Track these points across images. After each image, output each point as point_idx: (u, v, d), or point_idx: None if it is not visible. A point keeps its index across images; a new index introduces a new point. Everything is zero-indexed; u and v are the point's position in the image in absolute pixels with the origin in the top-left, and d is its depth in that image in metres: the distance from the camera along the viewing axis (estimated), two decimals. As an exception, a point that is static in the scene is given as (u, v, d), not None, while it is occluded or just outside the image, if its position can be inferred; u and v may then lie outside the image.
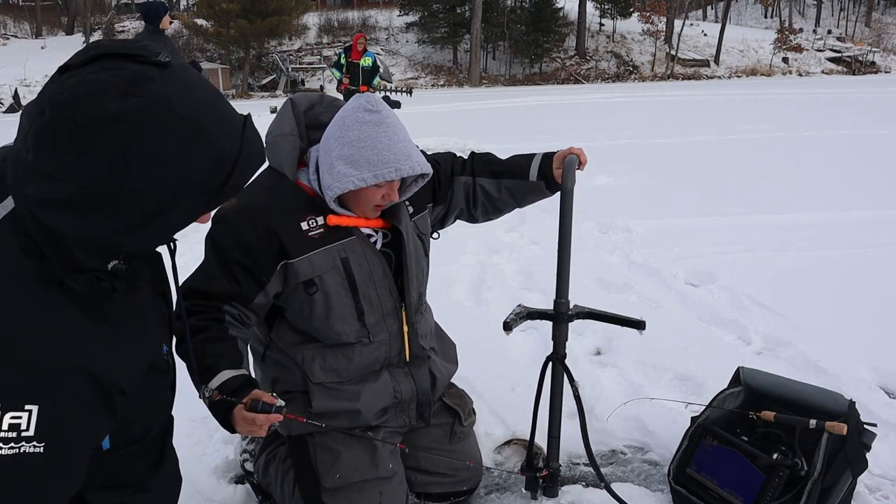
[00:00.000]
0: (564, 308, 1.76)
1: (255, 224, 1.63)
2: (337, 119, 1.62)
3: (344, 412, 1.80)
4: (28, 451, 0.90)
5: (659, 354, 2.91)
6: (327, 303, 1.70)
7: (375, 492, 1.80)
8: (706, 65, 31.89)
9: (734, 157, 8.13)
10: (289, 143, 1.69)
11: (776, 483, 1.82)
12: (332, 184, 1.59)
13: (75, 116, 0.85)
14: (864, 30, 39.10)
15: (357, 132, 1.56)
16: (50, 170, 0.87)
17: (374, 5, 36.75)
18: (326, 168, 1.61)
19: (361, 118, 1.57)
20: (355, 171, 1.56)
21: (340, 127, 1.59)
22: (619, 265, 4.22)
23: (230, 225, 1.64)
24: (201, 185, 0.92)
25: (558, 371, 1.78)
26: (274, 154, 1.69)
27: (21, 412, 0.89)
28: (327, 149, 1.61)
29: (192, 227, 1.02)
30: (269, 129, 1.71)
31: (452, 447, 2.02)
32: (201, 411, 2.42)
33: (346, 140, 1.57)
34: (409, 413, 1.92)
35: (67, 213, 0.88)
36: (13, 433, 0.89)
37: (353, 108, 1.60)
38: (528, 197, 1.96)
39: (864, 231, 4.70)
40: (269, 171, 1.72)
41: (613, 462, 2.29)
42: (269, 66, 30.10)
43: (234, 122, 0.97)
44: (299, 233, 1.65)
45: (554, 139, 10.12)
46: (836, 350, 2.90)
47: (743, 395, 2.15)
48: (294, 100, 1.74)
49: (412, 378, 1.88)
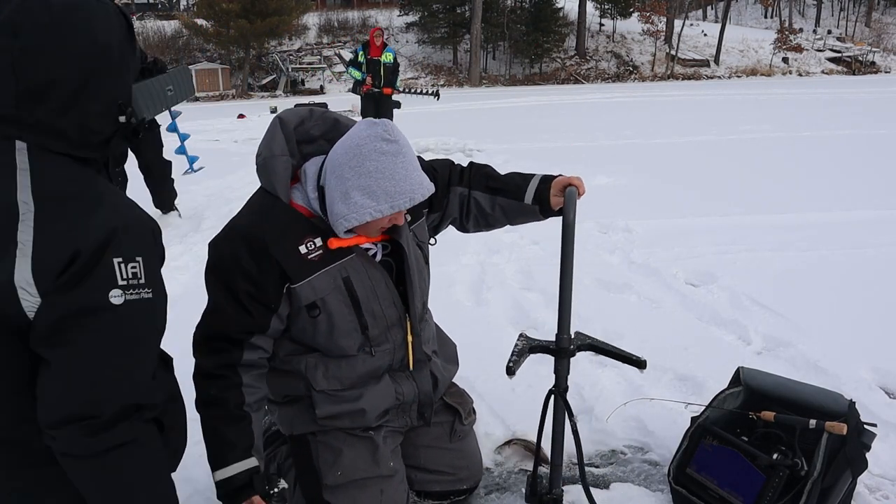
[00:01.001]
0: (566, 343, 1.76)
1: (254, 252, 1.59)
2: (351, 146, 1.55)
3: (347, 413, 1.80)
4: (144, 296, 1.11)
5: (659, 354, 2.91)
6: (330, 322, 1.69)
7: (376, 490, 1.80)
8: (706, 65, 31.89)
9: (734, 157, 8.14)
10: (280, 165, 1.64)
11: (776, 483, 1.82)
12: (347, 214, 1.56)
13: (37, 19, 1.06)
14: (864, 30, 39.10)
15: (375, 163, 1.52)
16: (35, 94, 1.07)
17: (374, 5, 36.76)
18: (339, 196, 1.56)
19: (379, 148, 1.53)
20: (372, 202, 1.54)
21: (357, 156, 1.53)
22: (619, 265, 4.22)
23: (230, 257, 1.61)
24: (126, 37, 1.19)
25: (560, 405, 1.78)
26: (266, 176, 1.65)
27: (134, 262, 1.09)
28: (341, 176, 1.55)
29: (189, 228, 1.04)
30: (259, 149, 1.67)
31: (452, 446, 2.02)
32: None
33: (364, 171, 1.53)
34: (410, 414, 1.92)
35: (75, 108, 1.10)
36: (134, 280, 1.09)
37: (369, 136, 1.54)
38: (521, 218, 1.91)
39: (864, 231, 4.70)
40: (262, 193, 1.68)
41: (613, 462, 2.30)
42: (269, 66, 30.10)
43: None
44: (298, 256, 1.62)
45: (554, 139, 10.13)
46: (836, 350, 2.90)
47: (743, 396, 2.15)
48: (282, 118, 1.69)
49: (414, 380, 1.88)
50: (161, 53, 30.64)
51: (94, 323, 1.06)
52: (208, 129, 14.24)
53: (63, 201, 1.07)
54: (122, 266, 1.08)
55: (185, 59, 29.95)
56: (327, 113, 1.75)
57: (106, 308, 1.06)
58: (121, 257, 1.07)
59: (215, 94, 27.76)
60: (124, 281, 1.08)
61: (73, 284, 1.04)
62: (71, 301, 1.04)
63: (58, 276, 1.03)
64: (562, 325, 1.74)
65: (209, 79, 28.13)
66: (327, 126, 1.73)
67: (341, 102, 18.77)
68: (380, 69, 9.03)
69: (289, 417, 1.85)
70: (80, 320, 1.05)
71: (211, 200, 6.58)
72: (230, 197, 6.70)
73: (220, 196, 6.80)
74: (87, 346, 1.06)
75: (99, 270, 1.05)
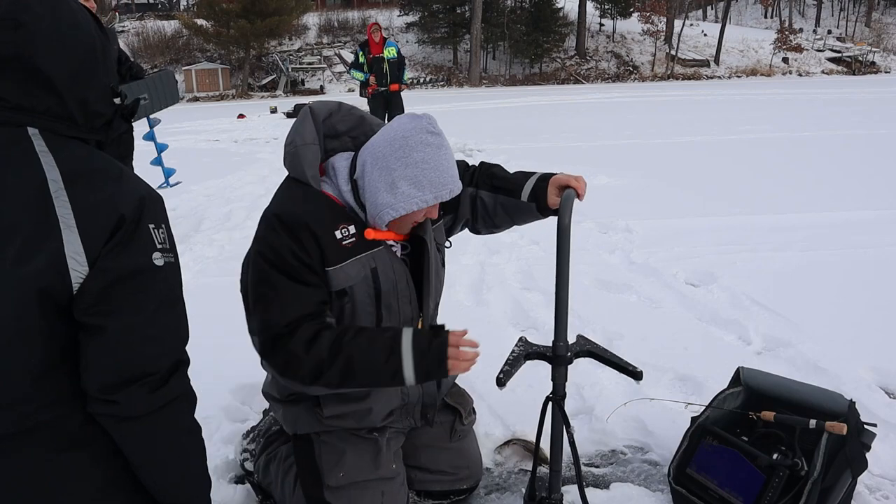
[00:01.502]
0: (563, 351, 1.73)
1: (298, 232, 1.59)
2: (397, 137, 1.58)
3: (353, 413, 1.78)
4: (173, 259, 1.19)
5: (659, 354, 2.91)
6: (353, 311, 1.69)
7: (378, 491, 1.80)
8: (706, 65, 31.90)
9: (734, 157, 8.14)
10: (311, 153, 1.66)
11: (776, 483, 1.82)
12: (394, 203, 1.58)
13: None
14: (864, 30, 39.12)
15: (422, 153, 1.56)
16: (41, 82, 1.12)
17: (374, 5, 36.77)
18: (385, 186, 1.58)
19: (426, 140, 1.57)
20: (419, 191, 1.57)
21: (403, 146, 1.57)
22: (619, 265, 4.22)
23: (278, 242, 1.59)
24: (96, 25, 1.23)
25: (557, 411, 1.77)
26: (296, 163, 1.66)
27: (162, 228, 1.17)
28: (386, 167, 1.58)
29: (189, 228, 1.05)
30: (288, 137, 1.69)
31: (452, 445, 2.02)
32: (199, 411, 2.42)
33: (411, 161, 1.56)
34: (414, 415, 1.91)
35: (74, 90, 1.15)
36: (165, 245, 1.17)
37: (415, 128, 1.58)
38: (522, 216, 1.89)
39: (864, 231, 4.69)
40: (291, 182, 1.68)
41: (613, 462, 2.30)
42: (269, 66, 30.12)
43: None
44: (334, 241, 1.62)
45: (554, 139, 10.13)
46: (836, 350, 2.90)
47: (743, 396, 2.15)
48: (313, 108, 1.72)
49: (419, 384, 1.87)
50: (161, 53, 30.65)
51: (143, 284, 1.12)
52: (208, 129, 14.25)
53: (91, 175, 1.12)
54: (156, 231, 1.16)
55: (184, 59, 29.95)
56: (354, 109, 1.77)
57: (153, 269, 1.13)
58: (153, 223, 1.16)
59: (215, 94, 27.77)
60: (160, 245, 1.16)
61: (121, 250, 1.10)
62: (121, 265, 1.10)
63: (105, 243, 1.09)
64: (558, 332, 1.71)
65: (209, 79, 28.14)
66: (353, 122, 1.75)
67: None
68: (384, 66, 8.61)
69: (293, 416, 1.84)
70: (131, 283, 1.11)
71: (211, 200, 6.58)
72: (230, 197, 6.70)
73: (220, 196, 6.80)
74: (140, 307, 1.12)
75: (140, 234, 1.13)
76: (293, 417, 1.84)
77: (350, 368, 1.53)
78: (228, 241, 4.95)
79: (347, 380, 1.55)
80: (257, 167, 8.69)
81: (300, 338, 1.55)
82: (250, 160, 9.37)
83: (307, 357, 1.53)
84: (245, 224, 5.51)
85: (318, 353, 1.53)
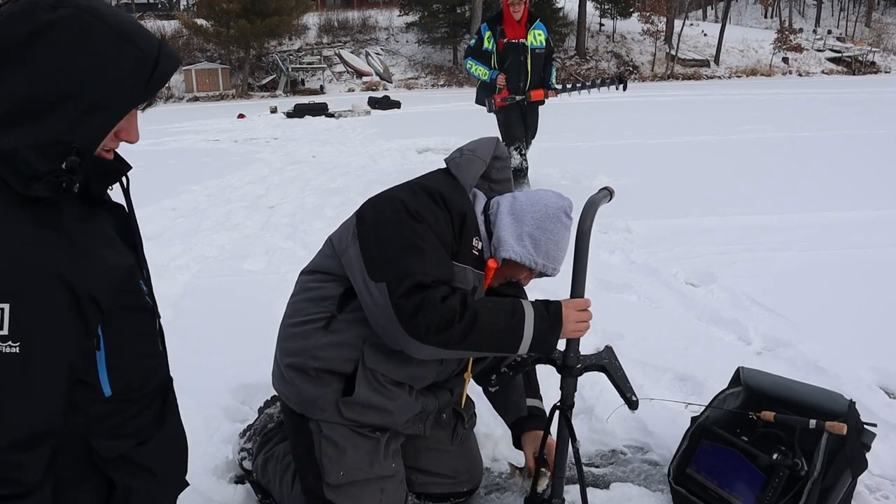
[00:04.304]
0: (573, 362, 1.77)
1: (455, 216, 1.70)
2: (539, 203, 1.79)
3: (377, 408, 1.75)
4: (4, 350, 0.95)
5: (659, 354, 2.91)
6: None
7: (377, 489, 1.80)
8: (706, 65, 31.90)
9: (734, 157, 8.13)
10: (478, 167, 1.83)
11: (776, 483, 1.82)
12: (513, 247, 1.76)
13: (14, 30, 0.98)
14: (864, 30, 39.12)
15: (553, 226, 1.78)
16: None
17: (374, 5, 36.75)
18: (513, 234, 1.77)
19: (560, 218, 1.79)
20: (534, 252, 1.76)
21: (541, 213, 1.78)
22: (619, 265, 4.22)
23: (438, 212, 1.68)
24: (129, 82, 1.05)
25: (563, 422, 1.81)
26: (470, 168, 1.82)
27: None
28: (521, 220, 1.78)
29: (189, 228, 1.04)
30: (472, 144, 1.88)
31: (453, 448, 2.03)
32: (200, 411, 2.42)
33: (543, 228, 1.77)
34: (426, 422, 1.90)
35: (16, 127, 0.99)
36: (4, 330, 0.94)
37: (558, 205, 1.80)
38: None
39: (864, 231, 4.69)
40: (450, 176, 1.81)
41: (613, 462, 2.30)
42: (269, 66, 30.12)
43: (151, 34, 1.11)
44: (470, 244, 1.74)
45: (554, 139, 10.12)
46: (836, 350, 2.90)
47: (743, 396, 2.15)
48: (499, 142, 1.92)
49: (435, 395, 1.89)
50: (161, 53, 30.61)
51: None
52: (208, 128, 14.25)
53: None
54: None
55: (185, 59, 29.92)
56: (509, 169, 1.97)
57: None
58: None
59: (215, 93, 27.78)
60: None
61: None
62: None
63: None
64: (570, 343, 1.76)
65: (209, 79, 28.15)
66: (503, 176, 1.94)
67: (342, 102, 18.79)
68: (525, 59, 5.51)
69: (310, 396, 1.76)
70: None
71: (211, 200, 6.59)
72: (230, 197, 6.70)
73: (220, 196, 6.80)
74: None
75: None
76: (312, 398, 1.76)
77: (476, 325, 1.55)
78: (228, 241, 4.95)
79: (468, 337, 1.56)
80: (257, 167, 8.70)
81: (439, 291, 1.57)
82: (250, 160, 9.37)
83: (442, 306, 1.54)
84: (245, 224, 5.51)
85: (452, 306, 1.55)
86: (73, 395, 1.09)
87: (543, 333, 1.61)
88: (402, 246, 1.60)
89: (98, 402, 1.14)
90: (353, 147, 10.54)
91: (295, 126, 14.16)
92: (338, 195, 6.60)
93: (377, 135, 11.89)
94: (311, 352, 1.73)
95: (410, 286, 1.54)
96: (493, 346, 1.62)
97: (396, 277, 1.56)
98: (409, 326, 1.54)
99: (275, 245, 4.85)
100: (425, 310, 1.53)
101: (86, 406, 1.13)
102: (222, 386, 2.64)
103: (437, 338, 1.54)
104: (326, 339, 1.72)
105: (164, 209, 6.10)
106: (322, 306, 1.75)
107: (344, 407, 1.73)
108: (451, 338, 1.54)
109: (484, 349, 1.64)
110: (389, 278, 1.57)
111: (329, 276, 1.77)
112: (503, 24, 5.55)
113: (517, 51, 5.52)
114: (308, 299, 1.79)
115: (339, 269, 1.73)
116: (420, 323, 1.53)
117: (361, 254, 1.64)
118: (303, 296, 1.81)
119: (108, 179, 1.16)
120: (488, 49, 5.61)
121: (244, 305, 3.58)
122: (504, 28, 5.54)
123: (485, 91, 5.82)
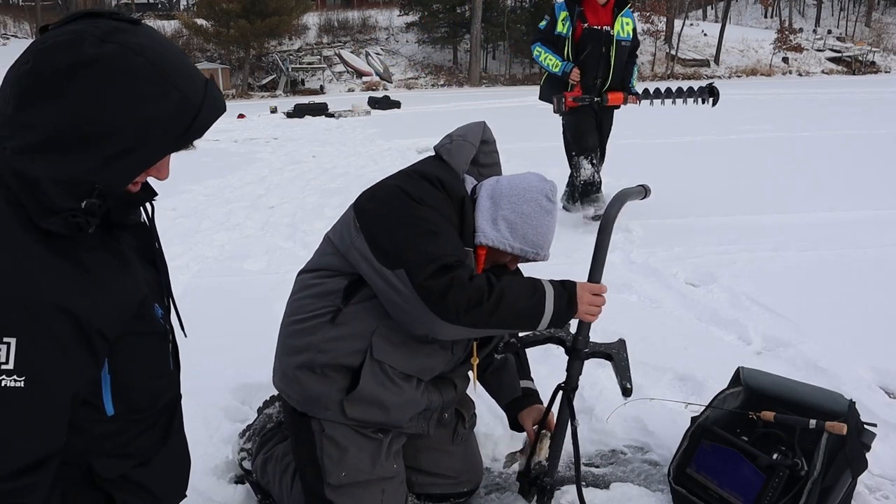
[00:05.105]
0: (582, 346, 1.80)
1: (455, 200, 1.73)
2: (518, 186, 1.76)
3: (380, 406, 1.74)
4: (8, 384, 0.94)
5: (659, 354, 2.91)
6: None
7: (378, 489, 1.80)
8: (706, 65, 31.89)
9: (734, 157, 8.13)
10: (469, 152, 1.83)
11: (776, 483, 1.82)
12: (488, 233, 1.75)
13: (57, 60, 0.95)
14: (864, 30, 39.11)
15: (531, 209, 1.74)
16: (29, 118, 0.95)
17: (374, 5, 36.74)
18: (489, 219, 1.75)
19: (541, 202, 1.75)
20: (510, 236, 1.74)
21: (519, 196, 1.75)
22: (619, 265, 4.22)
23: (440, 197, 1.69)
24: (167, 127, 1.01)
25: (564, 403, 1.83)
26: (461, 153, 1.82)
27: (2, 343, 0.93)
28: (497, 203, 1.76)
29: (189, 228, 1.03)
30: (459, 130, 1.87)
31: (454, 449, 2.02)
32: (200, 411, 2.43)
33: (519, 210, 1.74)
34: (430, 421, 1.90)
35: (44, 157, 0.96)
36: (10, 365, 0.93)
37: (538, 188, 1.76)
38: None
39: (864, 231, 4.69)
40: (442, 162, 1.81)
41: (613, 462, 2.30)
42: (269, 66, 30.10)
43: (198, 75, 1.07)
44: (471, 227, 1.76)
45: (554, 139, 10.10)
46: (836, 350, 2.90)
47: (743, 395, 2.15)
48: (486, 126, 1.91)
49: (440, 391, 1.88)
50: (161, 53, 30.61)
51: None
52: (208, 128, 14.22)
53: None
54: None
55: (185, 59, 29.89)
56: (497, 153, 1.95)
57: None
58: None
59: (215, 93, 27.73)
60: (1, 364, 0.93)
61: None
62: None
63: None
64: (581, 326, 1.80)
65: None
66: (490, 161, 1.93)
67: (341, 102, 18.77)
68: (608, 53, 4.50)
69: (314, 394, 1.74)
70: None
71: (211, 200, 6.58)
72: (230, 197, 6.70)
73: (220, 196, 6.80)
74: None
75: None
76: (314, 395, 1.74)
77: (502, 303, 1.57)
78: (228, 241, 4.95)
79: (495, 314, 1.57)
80: (257, 167, 8.69)
81: (465, 270, 1.59)
82: (250, 160, 9.37)
83: (470, 285, 1.56)
84: (245, 224, 5.51)
85: (479, 285, 1.57)
86: (76, 416, 1.07)
87: (561, 310, 1.65)
88: (414, 230, 1.60)
89: (101, 422, 1.13)
90: (353, 147, 10.53)
91: (295, 126, 14.14)
92: (338, 195, 6.59)
93: (377, 135, 11.88)
94: (318, 346, 1.71)
95: (436, 269, 1.55)
96: (517, 324, 1.65)
97: (417, 262, 1.55)
98: (438, 308, 1.54)
99: (275, 245, 4.85)
100: (455, 290, 1.53)
101: (88, 426, 1.11)
102: (222, 386, 2.64)
103: (466, 317, 1.55)
104: (334, 332, 1.70)
105: (164, 209, 6.09)
106: (327, 300, 1.73)
107: (347, 405, 1.71)
108: (480, 317, 1.55)
109: (508, 326, 1.65)
110: (409, 264, 1.56)
111: (331, 272, 1.76)
112: (583, 6, 4.49)
113: (599, 40, 4.47)
114: (311, 295, 1.77)
115: (342, 266, 1.73)
116: (450, 303, 1.53)
117: (369, 245, 1.63)
118: (305, 293, 1.79)
119: (130, 207, 1.14)
120: (562, 34, 4.52)
121: (244, 305, 3.59)
122: (584, 10, 4.48)
123: (553, 86, 4.72)
